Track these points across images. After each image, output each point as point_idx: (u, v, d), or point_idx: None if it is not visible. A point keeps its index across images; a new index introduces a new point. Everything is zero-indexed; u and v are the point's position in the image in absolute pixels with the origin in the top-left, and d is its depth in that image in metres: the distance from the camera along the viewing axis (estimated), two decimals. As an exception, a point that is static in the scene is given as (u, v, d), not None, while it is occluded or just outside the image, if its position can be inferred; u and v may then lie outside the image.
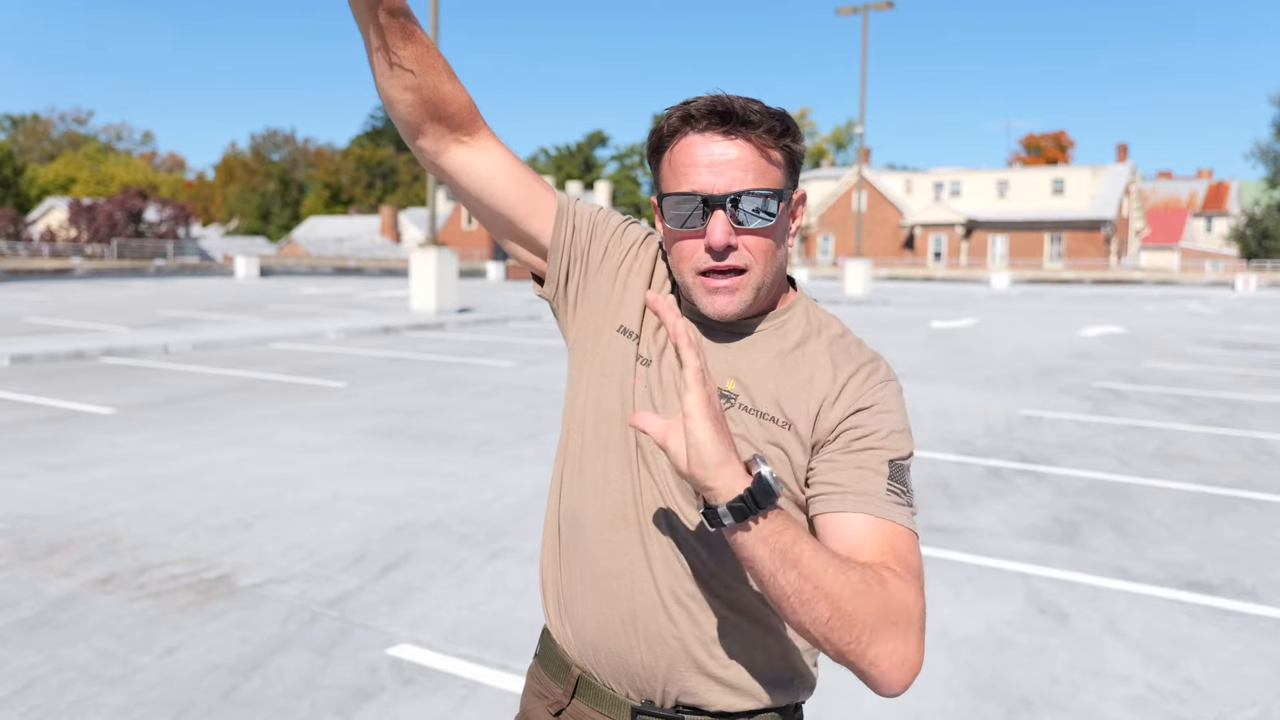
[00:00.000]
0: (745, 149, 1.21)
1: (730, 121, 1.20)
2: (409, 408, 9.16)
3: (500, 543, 5.06)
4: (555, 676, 1.36)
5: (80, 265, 44.68)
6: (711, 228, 1.19)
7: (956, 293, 39.94)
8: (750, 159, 1.20)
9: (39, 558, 4.75)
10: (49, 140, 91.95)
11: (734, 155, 1.20)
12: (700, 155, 1.21)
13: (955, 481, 6.53)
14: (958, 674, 3.59)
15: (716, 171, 1.20)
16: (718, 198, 1.19)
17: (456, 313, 20.78)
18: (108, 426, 8.04)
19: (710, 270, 1.22)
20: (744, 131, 1.20)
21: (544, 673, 1.38)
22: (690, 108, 1.22)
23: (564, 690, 1.34)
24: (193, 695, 3.34)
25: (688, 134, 1.22)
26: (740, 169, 1.20)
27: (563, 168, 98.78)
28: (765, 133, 1.21)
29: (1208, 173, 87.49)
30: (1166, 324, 22.01)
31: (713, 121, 1.20)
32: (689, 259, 1.23)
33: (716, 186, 1.20)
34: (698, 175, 1.21)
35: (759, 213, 1.21)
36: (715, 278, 1.23)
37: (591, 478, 1.30)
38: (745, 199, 1.20)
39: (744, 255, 1.22)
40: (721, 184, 1.20)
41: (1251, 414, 9.45)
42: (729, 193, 1.19)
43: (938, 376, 11.99)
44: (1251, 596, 4.44)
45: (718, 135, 1.20)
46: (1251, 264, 62.23)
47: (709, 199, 1.20)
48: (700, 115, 1.21)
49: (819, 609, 1.02)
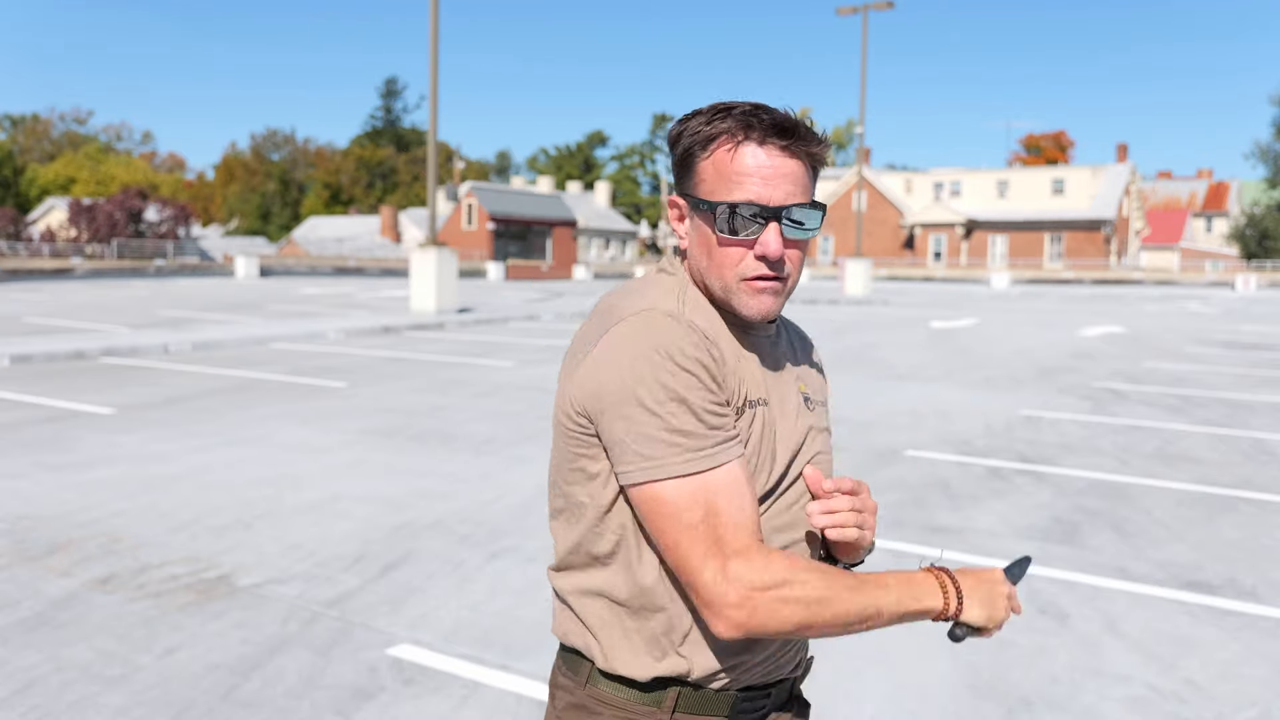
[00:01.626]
0: (797, 165, 1.27)
1: (791, 137, 1.25)
2: (409, 408, 9.16)
3: (500, 543, 5.06)
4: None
5: (80, 265, 44.69)
6: (767, 239, 1.25)
7: (956, 293, 39.94)
8: (800, 174, 1.27)
9: (39, 558, 4.75)
10: (49, 140, 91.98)
11: (789, 170, 1.26)
12: (759, 167, 1.25)
13: (955, 481, 6.53)
14: (958, 674, 3.59)
15: (772, 184, 1.25)
16: (775, 210, 1.25)
17: (456, 313, 20.78)
18: (108, 426, 8.04)
19: (759, 276, 1.28)
20: (802, 147, 1.26)
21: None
22: (749, 116, 1.25)
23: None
24: (193, 695, 3.34)
25: (745, 143, 1.26)
26: (793, 183, 1.26)
27: (563, 168, 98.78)
28: (816, 148, 1.28)
29: (1208, 173, 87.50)
30: (1166, 324, 22.01)
31: (774, 134, 1.25)
32: (734, 265, 1.28)
33: (773, 198, 1.25)
34: (753, 185, 1.25)
35: (803, 226, 1.28)
36: (765, 282, 1.28)
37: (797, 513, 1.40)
38: (797, 212, 1.26)
39: (787, 266, 1.29)
40: (777, 196, 1.25)
41: (1251, 414, 9.45)
42: (784, 205, 1.25)
43: (938, 377, 12.00)
44: (1251, 596, 4.44)
45: (776, 148, 1.25)
46: (1251, 264, 62.23)
47: (768, 210, 1.25)
48: (762, 127, 1.25)
49: None
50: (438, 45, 21.03)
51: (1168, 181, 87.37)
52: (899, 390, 10.79)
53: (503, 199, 55.24)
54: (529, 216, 54.71)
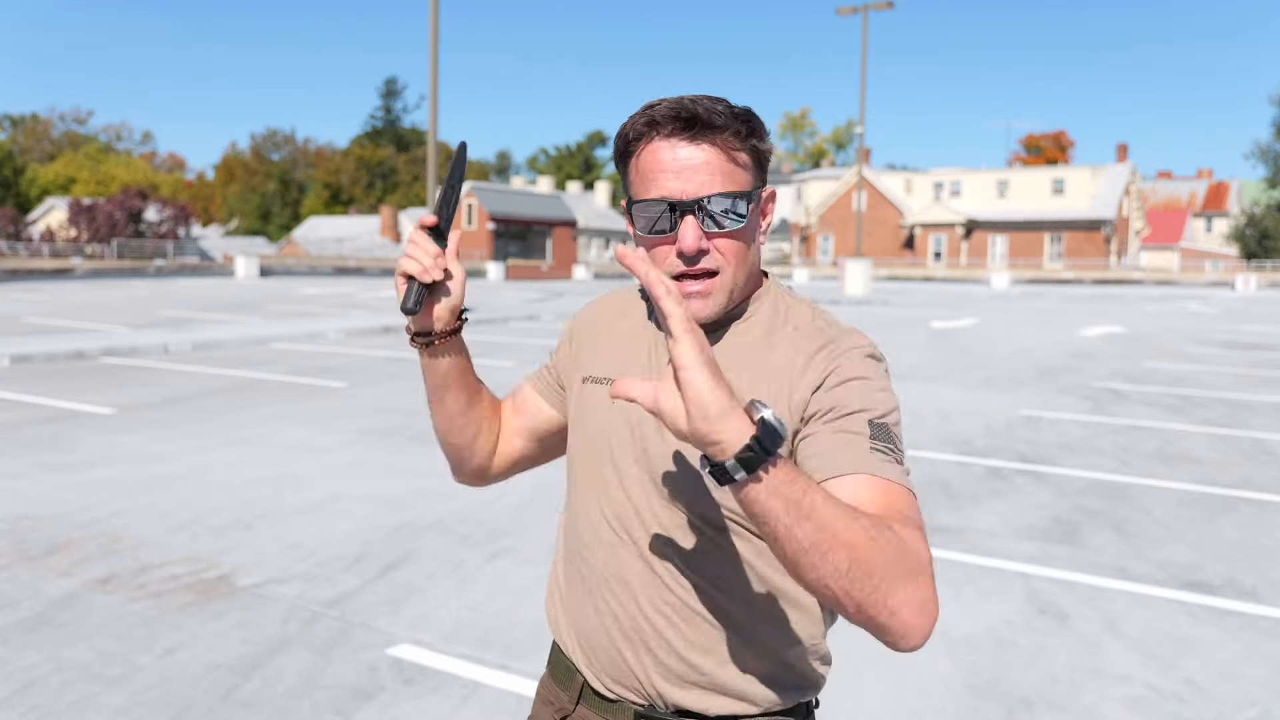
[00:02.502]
0: (711, 153, 1.20)
1: (695, 126, 1.20)
2: (409, 408, 9.15)
3: (500, 543, 5.06)
4: (561, 683, 1.39)
5: (80, 265, 44.68)
6: (682, 233, 1.20)
7: (956, 293, 39.94)
8: (717, 162, 1.20)
9: (39, 558, 4.75)
10: (49, 140, 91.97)
11: (701, 159, 1.20)
12: (667, 161, 1.21)
13: (955, 481, 6.52)
14: (958, 674, 3.59)
15: (684, 177, 1.20)
16: (686, 203, 1.20)
17: (456, 313, 20.76)
18: (108, 426, 8.04)
19: (683, 275, 1.22)
20: (709, 135, 1.20)
21: (552, 680, 1.42)
22: (654, 113, 1.22)
23: (570, 696, 1.37)
24: (193, 695, 3.34)
25: (653, 139, 1.22)
26: (707, 173, 1.20)
27: (563, 168, 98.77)
28: (731, 135, 1.21)
29: (1208, 173, 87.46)
30: (1166, 324, 22.01)
31: (677, 127, 1.20)
32: (660, 265, 1.23)
33: (685, 191, 1.20)
34: (665, 181, 1.20)
35: (729, 214, 1.21)
36: (688, 282, 1.23)
37: (583, 495, 1.36)
38: (714, 202, 1.20)
39: (716, 258, 1.22)
40: (690, 189, 1.20)
41: (1251, 414, 9.45)
42: (697, 197, 1.20)
43: (938, 376, 12.00)
44: (1251, 596, 4.44)
45: (683, 140, 1.20)
46: (1251, 264, 62.22)
47: (677, 204, 1.20)
48: (664, 120, 1.21)
49: (838, 559, 0.96)
50: (438, 45, 21.03)
51: (1168, 181, 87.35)
52: (899, 390, 10.78)
53: (503, 199, 55.24)
54: (529, 216, 54.71)
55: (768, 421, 0.93)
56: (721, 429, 0.91)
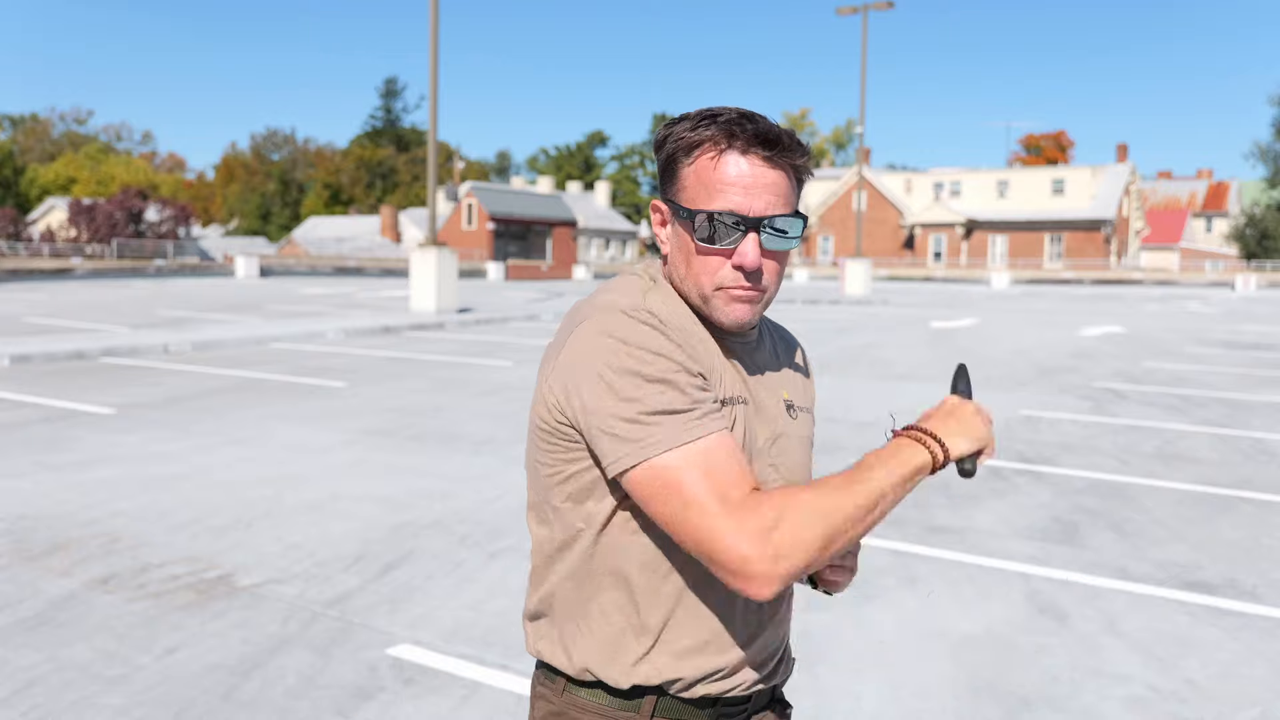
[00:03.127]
0: (779, 176, 1.26)
1: (774, 148, 1.24)
2: (409, 408, 9.15)
3: (500, 543, 5.06)
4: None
5: (80, 265, 44.68)
6: (745, 249, 1.24)
7: (956, 293, 39.94)
8: (782, 185, 1.26)
9: (39, 558, 4.75)
10: (49, 140, 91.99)
11: (771, 180, 1.25)
12: (740, 175, 1.24)
13: (955, 481, 6.52)
14: (958, 674, 3.59)
15: (753, 194, 1.24)
16: (754, 220, 1.24)
17: (456, 313, 20.78)
18: (108, 426, 8.04)
19: (740, 287, 1.27)
20: (784, 158, 1.25)
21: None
22: (733, 125, 1.24)
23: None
24: (193, 695, 3.34)
25: (728, 152, 1.24)
26: (774, 194, 1.25)
27: (563, 168, 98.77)
28: (797, 159, 1.27)
29: (1208, 173, 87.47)
30: (1166, 324, 22.01)
31: (756, 143, 1.24)
32: (712, 273, 1.27)
33: (753, 209, 1.24)
34: (734, 194, 1.24)
35: (785, 236, 1.27)
36: (739, 290, 1.27)
37: None
38: (779, 222, 1.25)
39: (765, 277, 1.28)
40: (757, 206, 1.24)
41: (1251, 414, 9.45)
42: (764, 216, 1.24)
43: (938, 376, 11.99)
44: (1251, 596, 4.44)
45: (759, 159, 1.24)
46: (1251, 264, 62.22)
47: (747, 220, 1.24)
48: (746, 136, 1.24)
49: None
50: (438, 45, 21.03)
51: (1168, 181, 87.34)
52: (899, 390, 10.79)
53: (503, 199, 55.23)
54: (529, 216, 54.70)
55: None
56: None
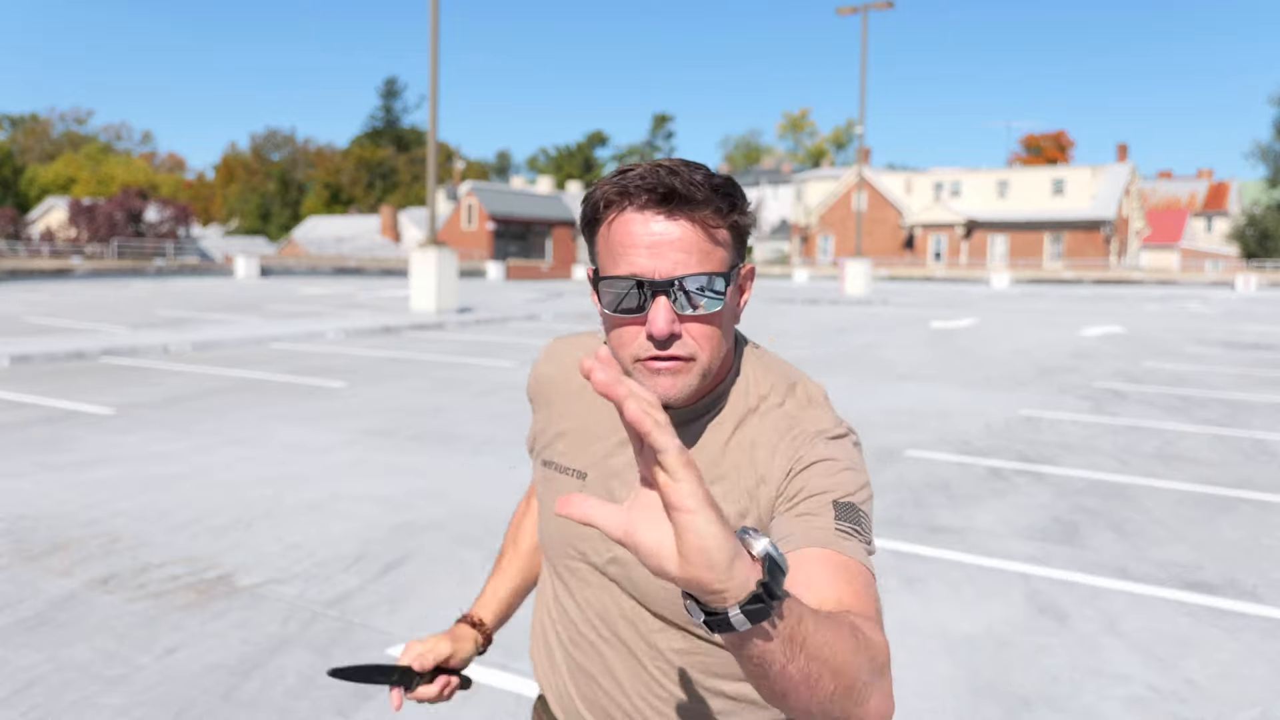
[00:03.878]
0: (688, 229, 1.10)
1: (672, 201, 1.09)
2: (409, 408, 9.16)
3: (500, 542, 5.05)
4: None
5: (80, 265, 44.65)
6: (653, 316, 1.09)
7: (956, 293, 39.94)
8: (693, 239, 1.10)
9: (39, 558, 4.75)
10: (49, 140, 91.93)
11: (676, 235, 1.10)
12: (640, 235, 1.10)
13: (955, 481, 6.52)
14: (958, 674, 3.59)
15: (657, 253, 1.09)
16: (659, 283, 1.09)
17: (456, 313, 20.78)
18: (108, 426, 8.04)
19: (652, 358, 1.13)
20: (687, 210, 1.10)
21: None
22: (627, 181, 1.11)
23: None
24: (193, 695, 3.34)
25: (625, 209, 1.11)
26: (683, 250, 1.09)
27: (563, 168, 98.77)
28: (711, 212, 1.11)
29: (1208, 173, 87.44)
30: (1166, 324, 22.00)
31: (652, 199, 1.10)
32: (628, 345, 1.13)
33: (658, 270, 1.09)
34: (636, 256, 1.10)
35: (704, 294, 1.10)
36: (657, 361, 1.13)
37: (562, 583, 1.33)
38: (689, 281, 1.09)
39: (689, 344, 1.12)
40: (664, 267, 1.09)
41: (1252, 414, 9.45)
42: (671, 277, 1.09)
43: (937, 376, 11.99)
44: (1252, 596, 4.44)
45: (658, 214, 1.10)
46: (1251, 264, 62.22)
47: (649, 284, 1.09)
48: (638, 191, 1.10)
49: (825, 685, 0.86)
50: (438, 45, 21.04)
51: (1168, 181, 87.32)
52: (899, 390, 10.79)
53: (503, 199, 55.24)
54: (529, 216, 54.71)
55: (772, 558, 0.79)
56: (727, 578, 0.76)
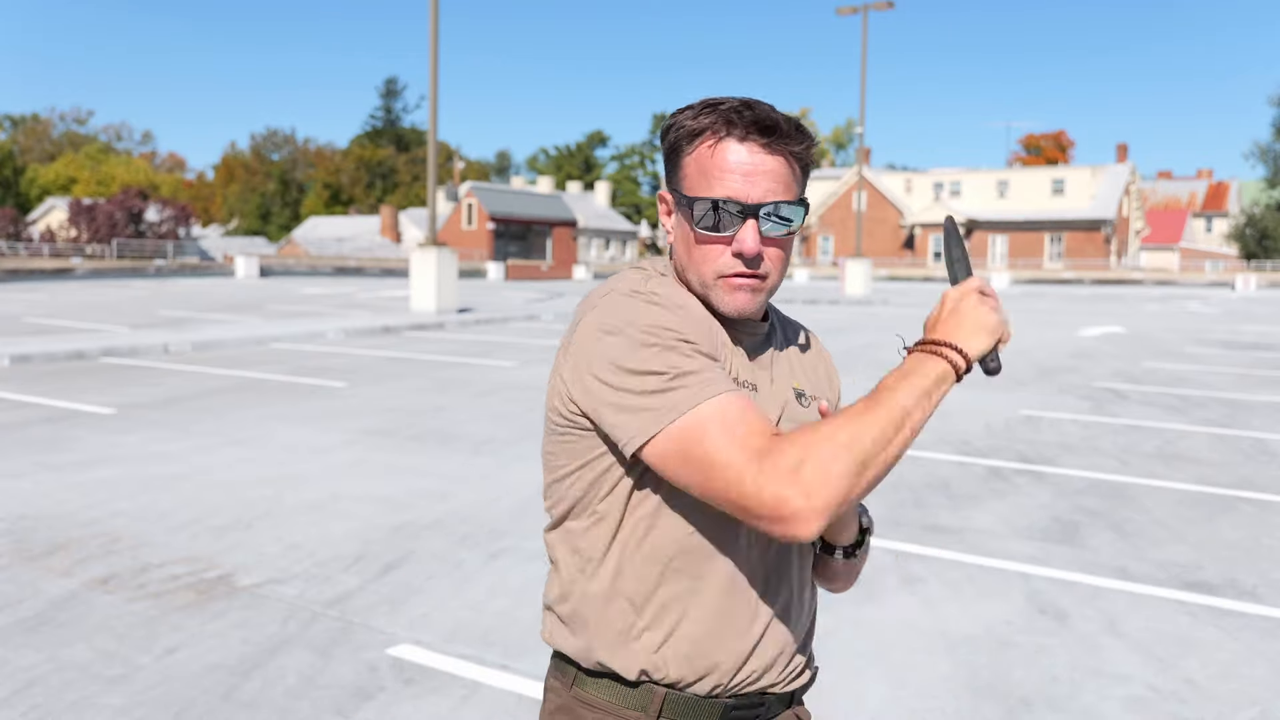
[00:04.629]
0: (779, 163, 1.25)
1: (772, 134, 1.24)
2: (409, 408, 9.15)
3: (500, 543, 5.06)
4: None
5: (80, 265, 44.66)
6: (744, 235, 1.24)
7: (956, 293, 39.84)
8: (783, 172, 1.26)
9: (39, 558, 4.75)
10: (49, 140, 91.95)
11: (770, 167, 1.25)
12: (739, 163, 1.24)
13: (955, 481, 6.53)
14: (958, 674, 3.59)
15: (752, 181, 1.24)
16: (753, 207, 1.24)
17: (456, 313, 20.78)
18: (108, 426, 8.04)
19: (739, 274, 1.27)
20: (783, 145, 1.25)
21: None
22: (732, 113, 1.25)
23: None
24: (193, 695, 3.34)
25: (727, 139, 1.25)
26: (774, 180, 1.25)
27: (563, 168, 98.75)
28: (797, 146, 1.26)
29: (1208, 173, 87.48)
30: (1166, 324, 22.01)
31: (754, 131, 1.24)
32: (713, 261, 1.27)
33: (751, 195, 1.24)
34: (733, 182, 1.24)
35: (784, 222, 1.26)
36: (739, 278, 1.27)
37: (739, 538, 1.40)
38: (779, 209, 1.25)
39: (766, 265, 1.28)
40: (756, 193, 1.24)
41: (1252, 414, 9.45)
42: (763, 203, 1.24)
43: (938, 376, 11.98)
44: (1252, 596, 4.44)
45: (758, 145, 1.24)
46: (1251, 264, 62.21)
47: (745, 207, 1.24)
48: (742, 122, 1.24)
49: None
50: (438, 45, 21.04)
51: (1168, 181, 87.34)
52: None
53: (503, 199, 55.24)
54: (529, 216, 54.71)
55: (865, 528, 1.45)
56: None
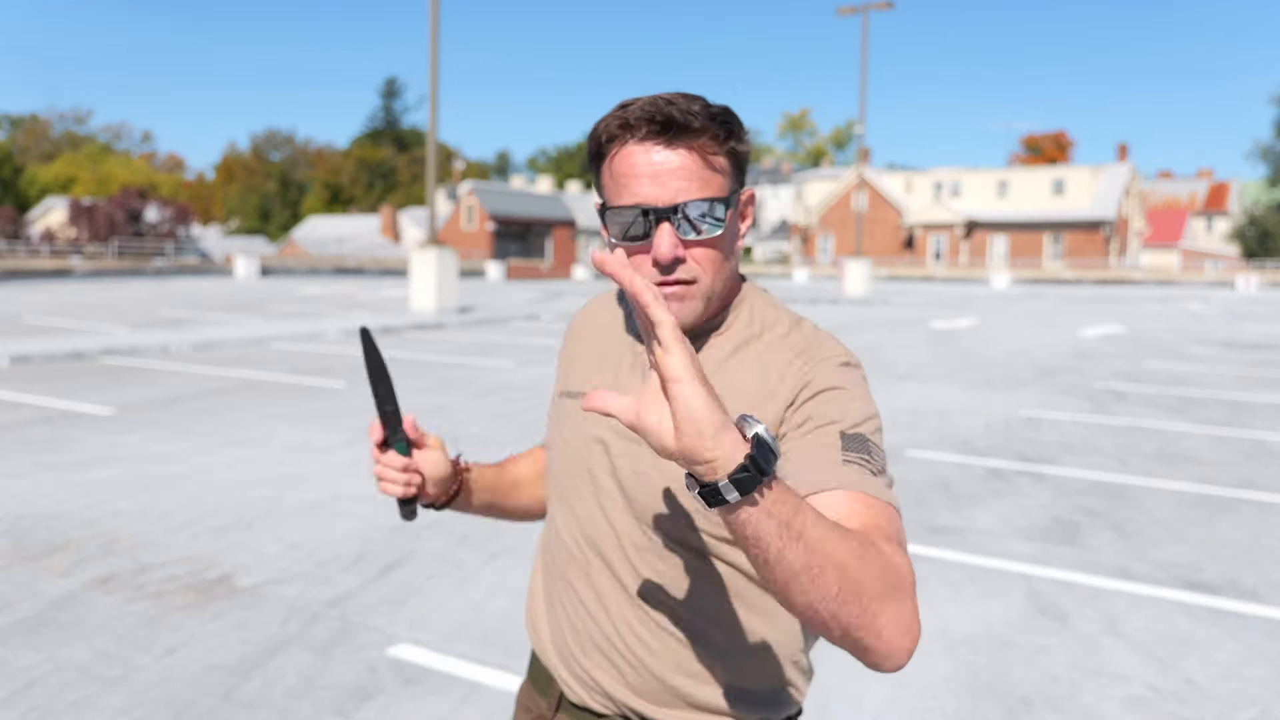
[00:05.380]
0: (688, 157, 1.15)
1: (670, 130, 1.14)
2: (409, 407, 9.15)
3: (500, 543, 5.06)
4: (540, 690, 1.40)
5: (80, 265, 44.62)
6: (657, 241, 1.15)
7: (956, 293, 39.94)
8: (693, 167, 1.15)
9: (39, 558, 4.75)
10: (49, 140, 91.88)
11: (676, 164, 1.15)
12: (641, 165, 1.15)
13: (955, 481, 6.52)
14: (958, 674, 3.59)
15: (659, 182, 1.14)
16: (661, 210, 1.14)
17: (456, 312, 20.78)
18: (108, 426, 8.03)
19: (660, 284, 1.18)
20: (685, 139, 1.15)
21: (532, 687, 1.43)
22: (628, 114, 1.16)
23: (548, 704, 1.37)
24: (193, 695, 3.34)
25: (627, 142, 1.16)
26: (684, 178, 1.14)
27: (563, 168, 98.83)
28: (708, 139, 1.15)
29: (1208, 173, 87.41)
30: (1167, 324, 22.00)
31: (652, 130, 1.15)
32: (642, 272, 1.18)
33: (660, 198, 1.14)
34: (639, 186, 1.15)
35: (706, 219, 1.16)
36: (661, 287, 1.18)
37: (559, 509, 1.36)
38: (690, 208, 1.14)
39: (692, 267, 1.18)
40: (665, 195, 1.14)
41: (1252, 414, 9.45)
42: (673, 204, 1.14)
43: (938, 376, 11.99)
44: (1252, 597, 4.44)
45: (658, 144, 1.15)
46: (1252, 264, 62.21)
47: (652, 211, 1.15)
48: (638, 123, 1.15)
49: (828, 583, 0.91)
50: (438, 45, 21.04)
51: (1168, 181, 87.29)
52: (899, 390, 10.78)
53: (503, 199, 55.26)
54: (529, 216, 54.72)
55: (762, 438, 0.87)
56: (715, 446, 0.85)
